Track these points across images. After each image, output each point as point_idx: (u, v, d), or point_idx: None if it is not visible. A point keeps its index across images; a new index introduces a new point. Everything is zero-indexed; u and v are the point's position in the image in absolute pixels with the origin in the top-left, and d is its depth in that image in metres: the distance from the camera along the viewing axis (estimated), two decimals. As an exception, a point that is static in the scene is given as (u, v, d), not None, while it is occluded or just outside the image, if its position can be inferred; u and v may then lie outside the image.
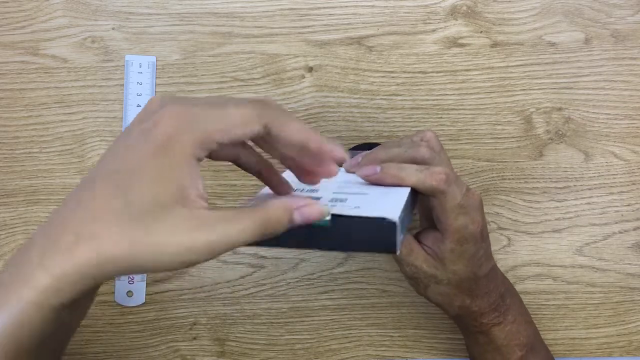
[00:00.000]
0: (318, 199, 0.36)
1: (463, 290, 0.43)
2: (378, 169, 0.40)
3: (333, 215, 0.33)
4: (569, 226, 0.53)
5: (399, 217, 0.33)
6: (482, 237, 0.42)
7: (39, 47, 0.53)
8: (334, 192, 0.37)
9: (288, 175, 0.43)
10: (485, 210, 0.45)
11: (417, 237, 0.43)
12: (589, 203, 0.53)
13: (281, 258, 0.53)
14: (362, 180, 0.41)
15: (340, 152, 0.32)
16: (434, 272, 0.42)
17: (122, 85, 0.53)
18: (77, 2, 0.52)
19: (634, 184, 0.53)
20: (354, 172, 0.42)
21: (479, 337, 0.45)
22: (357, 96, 0.53)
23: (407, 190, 0.38)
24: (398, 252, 0.34)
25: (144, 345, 0.53)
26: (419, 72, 0.53)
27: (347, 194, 0.37)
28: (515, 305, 0.46)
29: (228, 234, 0.28)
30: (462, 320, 0.45)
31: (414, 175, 0.39)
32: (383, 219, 0.33)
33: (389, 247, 0.34)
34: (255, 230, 0.29)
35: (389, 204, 0.36)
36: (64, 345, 0.35)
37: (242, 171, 0.35)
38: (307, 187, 0.38)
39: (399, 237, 0.34)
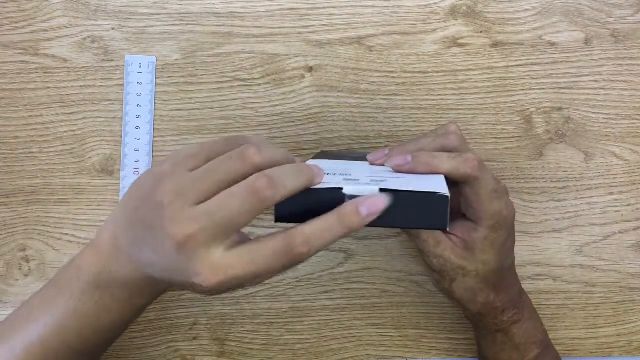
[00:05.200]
0: (356, 180, 0.35)
1: (489, 284, 0.42)
2: (409, 158, 0.39)
3: (381, 190, 0.33)
4: (569, 226, 0.53)
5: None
6: (513, 224, 0.42)
7: (38, 47, 0.53)
8: (366, 176, 0.36)
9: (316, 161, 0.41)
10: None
11: None
12: (589, 203, 0.53)
13: (281, 258, 0.53)
14: (392, 170, 0.39)
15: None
16: (463, 263, 0.41)
17: (122, 85, 0.53)
18: (77, 2, 0.52)
19: (634, 184, 0.53)
20: (379, 165, 0.41)
21: (498, 335, 0.45)
22: (357, 96, 0.53)
23: (442, 176, 0.38)
24: (448, 229, 0.34)
25: (143, 345, 0.53)
26: (419, 72, 0.53)
27: (384, 177, 0.36)
28: (529, 302, 0.46)
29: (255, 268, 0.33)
30: (482, 319, 0.45)
31: (447, 162, 0.39)
32: (435, 193, 0.33)
33: (440, 222, 0.33)
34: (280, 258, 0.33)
35: (432, 183, 0.35)
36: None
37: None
38: (339, 171, 0.37)
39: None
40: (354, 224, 0.32)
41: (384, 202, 0.33)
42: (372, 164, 0.41)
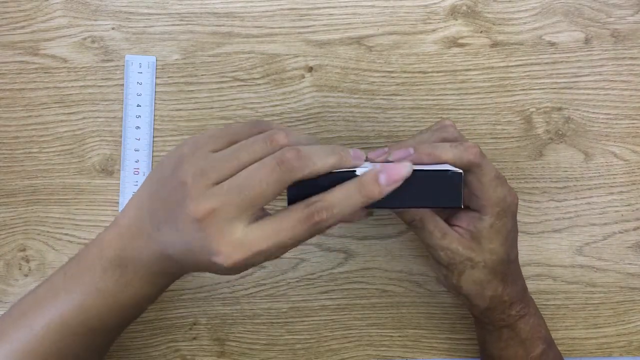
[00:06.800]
0: (365, 168, 0.35)
1: (497, 275, 0.42)
2: (412, 150, 0.39)
3: None
4: (569, 226, 0.53)
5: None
6: (516, 213, 0.42)
7: (38, 47, 0.53)
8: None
9: None
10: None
11: (447, 222, 0.43)
12: (589, 203, 0.53)
13: (281, 258, 0.53)
14: None
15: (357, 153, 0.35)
16: (470, 254, 0.41)
17: (122, 85, 0.53)
18: (77, 2, 0.52)
19: (634, 184, 0.53)
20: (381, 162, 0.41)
21: (504, 331, 0.45)
22: (357, 96, 0.53)
23: (446, 165, 0.38)
24: (462, 206, 0.35)
25: (143, 345, 0.53)
26: (419, 72, 0.53)
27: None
28: (532, 298, 0.47)
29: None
30: (489, 315, 0.44)
31: (450, 151, 0.39)
32: (448, 171, 0.34)
33: (454, 200, 0.34)
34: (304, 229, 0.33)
35: (441, 166, 0.36)
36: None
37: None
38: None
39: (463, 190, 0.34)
40: (373, 193, 0.33)
41: (405, 169, 0.33)
42: (373, 161, 0.42)
